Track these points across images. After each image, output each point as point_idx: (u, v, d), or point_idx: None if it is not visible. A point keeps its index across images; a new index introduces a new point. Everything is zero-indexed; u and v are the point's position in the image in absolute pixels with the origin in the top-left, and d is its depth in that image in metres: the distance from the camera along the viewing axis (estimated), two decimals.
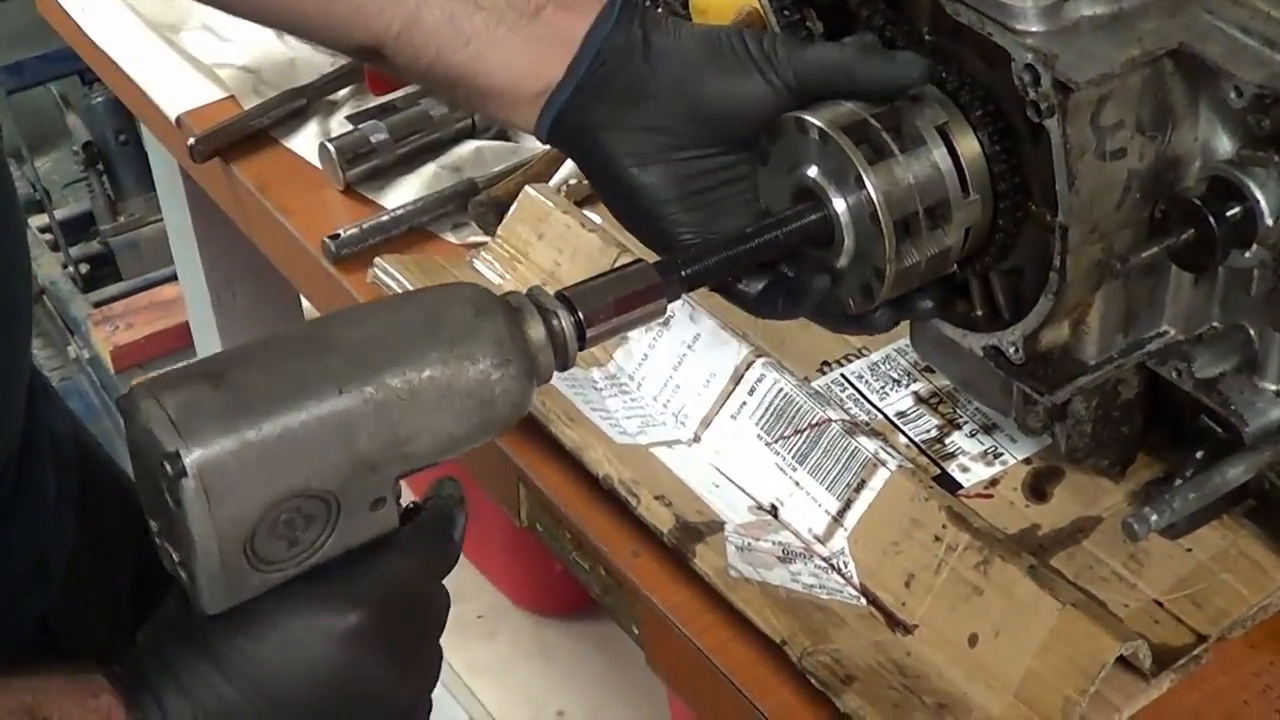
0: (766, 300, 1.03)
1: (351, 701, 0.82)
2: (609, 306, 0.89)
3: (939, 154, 0.98)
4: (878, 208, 0.96)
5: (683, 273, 0.94)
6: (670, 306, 1.25)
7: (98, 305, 2.91)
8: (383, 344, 0.80)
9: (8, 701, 0.78)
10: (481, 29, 1.02)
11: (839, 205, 0.98)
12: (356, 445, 0.78)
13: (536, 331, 0.85)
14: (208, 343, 2.28)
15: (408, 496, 0.86)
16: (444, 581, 0.89)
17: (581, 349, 0.88)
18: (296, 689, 0.80)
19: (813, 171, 0.98)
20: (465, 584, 2.11)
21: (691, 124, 1.00)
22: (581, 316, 0.87)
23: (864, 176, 0.96)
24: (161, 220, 2.47)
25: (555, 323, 0.86)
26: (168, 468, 0.75)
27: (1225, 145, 0.99)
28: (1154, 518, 0.99)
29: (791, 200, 1.00)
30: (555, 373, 0.87)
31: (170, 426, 0.75)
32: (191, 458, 0.75)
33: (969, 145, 0.99)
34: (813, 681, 1.04)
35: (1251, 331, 1.04)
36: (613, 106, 1.01)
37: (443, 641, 0.92)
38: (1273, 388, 1.04)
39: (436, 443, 0.81)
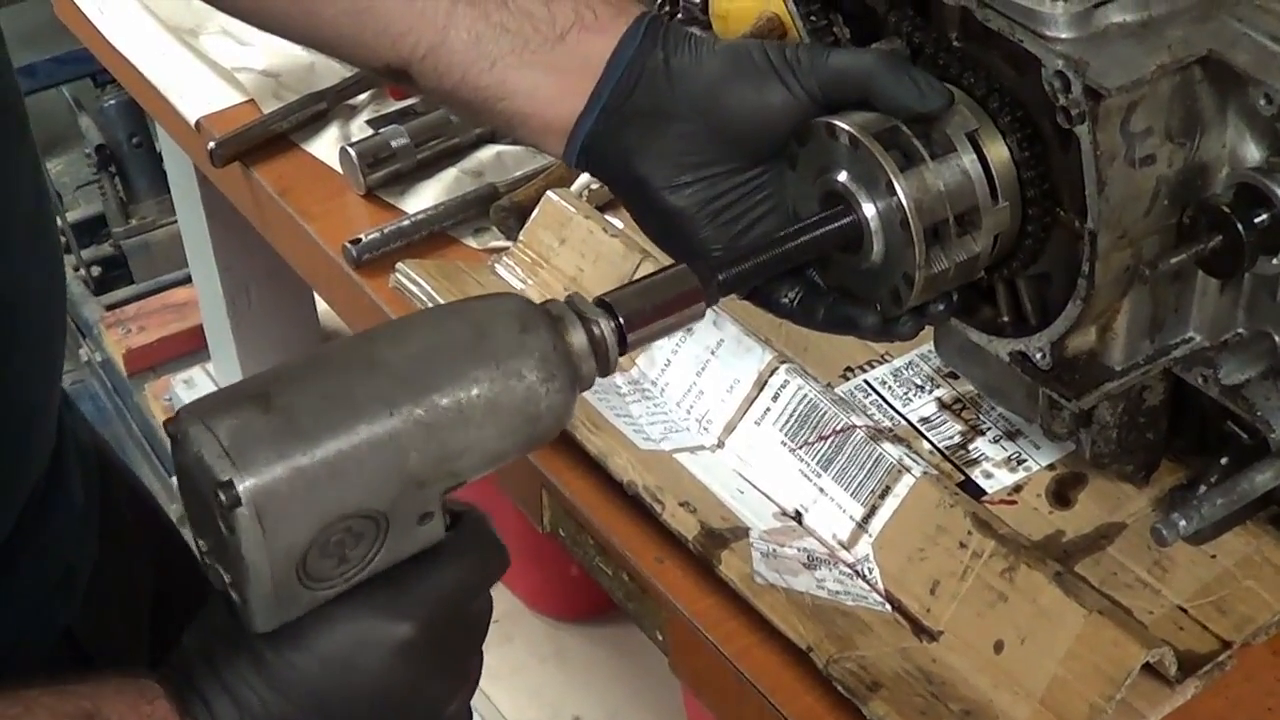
0: (806, 311, 1.03)
1: (402, 713, 0.82)
2: (649, 311, 0.89)
3: (969, 160, 0.98)
4: (908, 214, 0.96)
5: (720, 277, 0.93)
6: None
7: (110, 308, 2.91)
8: (430, 362, 0.80)
9: (67, 706, 0.78)
10: (507, 53, 1.01)
11: (869, 210, 0.98)
12: (407, 465, 0.78)
13: (579, 340, 0.85)
14: (222, 346, 2.28)
15: None
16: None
17: (623, 354, 0.87)
18: (348, 702, 0.80)
19: (842, 176, 0.98)
20: None
21: (718, 142, 1.00)
22: (622, 321, 0.87)
23: (894, 182, 0.96)
24: (174, 223, 2.48)
25: (596, 330, 0.85)
26: (221, 496, 0.74)
27: (1254, 152, 0.98)
28: (1182, 523, 0.99)
29: (820, 205, 1.00)
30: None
31: (223, 454, 0.75)
32: (245, 485, 0.74)
33: (999, 152, 0.99)
34: (839, 688, 1.04)
35: (1277, 338, 1.04)
36: (639, 130, 1.01)
37: None
38: None
39: (484, 458, 0.81)
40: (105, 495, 1.18)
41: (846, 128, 0.97)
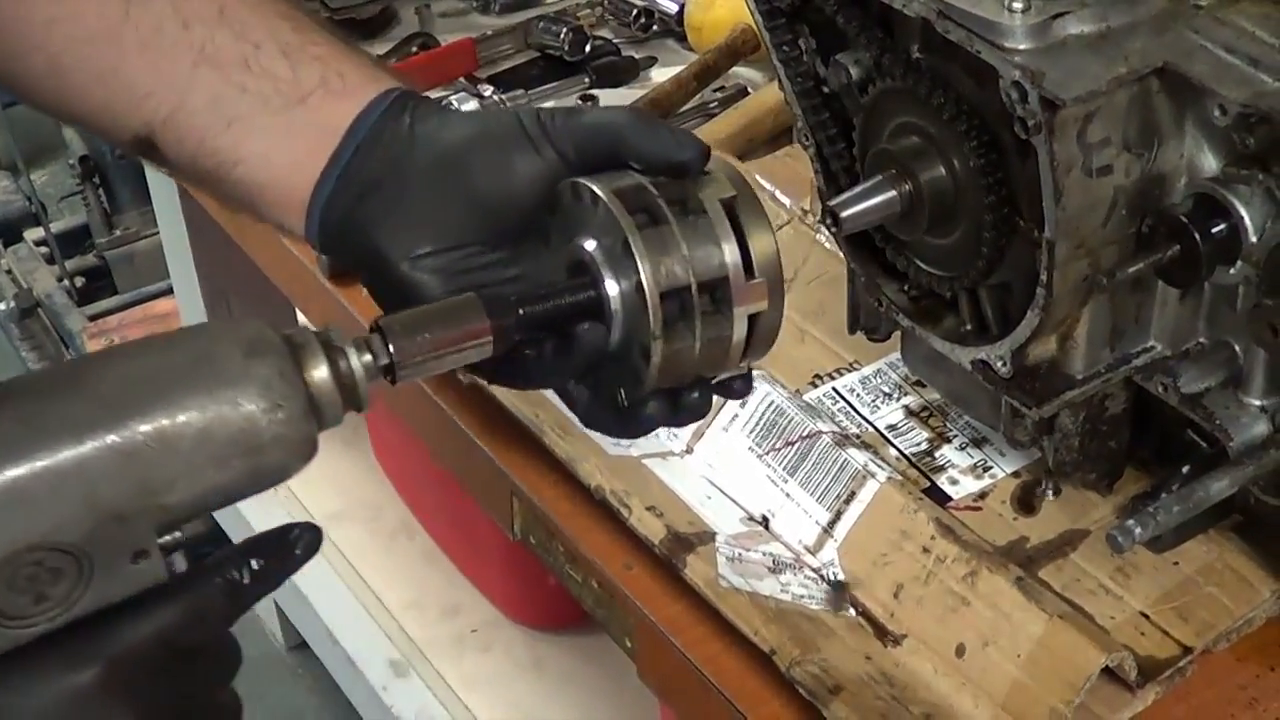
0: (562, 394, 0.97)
1: None
2: (427, 344, 0.83)
3: (721, 229, 0.88)
4: (643, 276, 0.86)
5: (522, 310, 0.86)
6: None
7: (93, 319, 2.92)
8: (137, 386, 0.75)
9: None
10: (245, 113, 0.94)
11: (608, 279, 0.88)
12: (98, 497, 0.73)
13: (319, 373, 0.78)
14: None
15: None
16: (438, 594, 0.86)
17: (393, 383, 0.83)
18: None
19: (589, 244, 0.89)
20: (460, 598, 2.12)
21: (464, 215, 0.92)
22: (394, 350, 0.82)
23: (630, 240, 0.86)
24: (157, 234, 2.49)
25: (343, 364, 0.79)
26: None
27: (1210, 163, 1.00)
28: (1138, 530, 1.00)
29: (567, 275, 0.90)
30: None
31: None
32: None
33: (762, 239, 0.89)
34: (800, 691, 1.05)
35: (1237, 347, 1.05)
36: (380, 201, 0.93)
37: (438, 654, 0.91)
38: (1257, 403, 1.05)
39: (199, 493, 0.76)
40: None
41: (588, 184, 0.89)
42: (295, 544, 0.80)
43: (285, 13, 0.96)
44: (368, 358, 0.80)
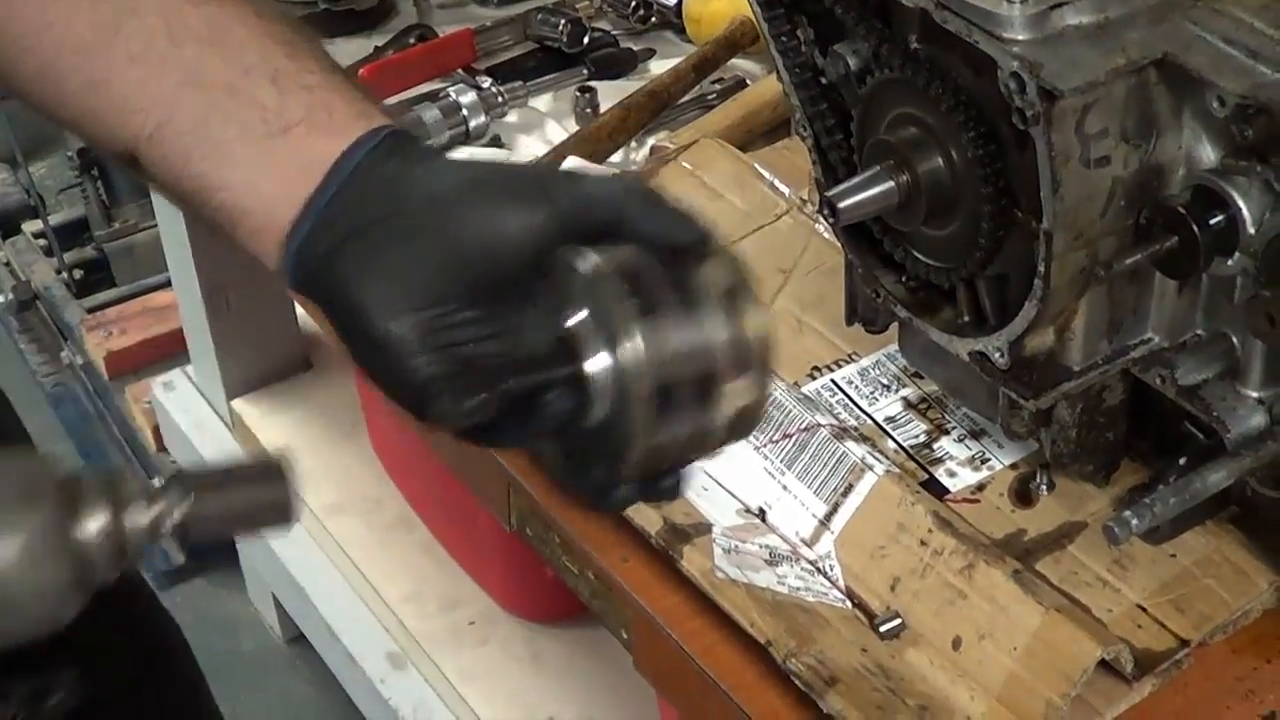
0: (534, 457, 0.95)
1: None
2: (225, 509, 0.80)
3: (718, 321, 0.85)
4: (634, 367, 0.83)
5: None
6: None
7: (91, 311, 2.91)
8: None
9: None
10: (230, 139, 0.91)
11: (595, 357, 0.85)
12: None
13: (93, 527, 0.74)
14: (201, 349, 2.29)
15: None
16: (436, 586, 0.86)
17: (183, 549, 0.79)
18: None
19: (576, 319, 0.85)
20: (458, 590, 2.12)
21: (449, 270, 0.87)
22: (186, 513, 0.77)
23: (624, 327, 0.83)
24: (155, 226, 2.48)
25: (126, 519, 0.75)
26: None
27: (1209, 154, 1.00)
28: (1134, 522, 1.00)
29: (552, 346, 0.87)
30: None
31: None
32: None
33: (758, 330, 0.86)
34: (796, 683, 1.05)
35: (1234, 339, 1.05)
36: (361, 247, 0.88)
37: (436, 647, 0.90)
38: (1255, 394, 1.05)
39: None
40: None
41: (588, 256, 0.85)
42: None
43: (283, 37, 0.94)
44: (155, 513, 0.76)
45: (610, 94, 1.63)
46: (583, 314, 0.85)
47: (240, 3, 0.94)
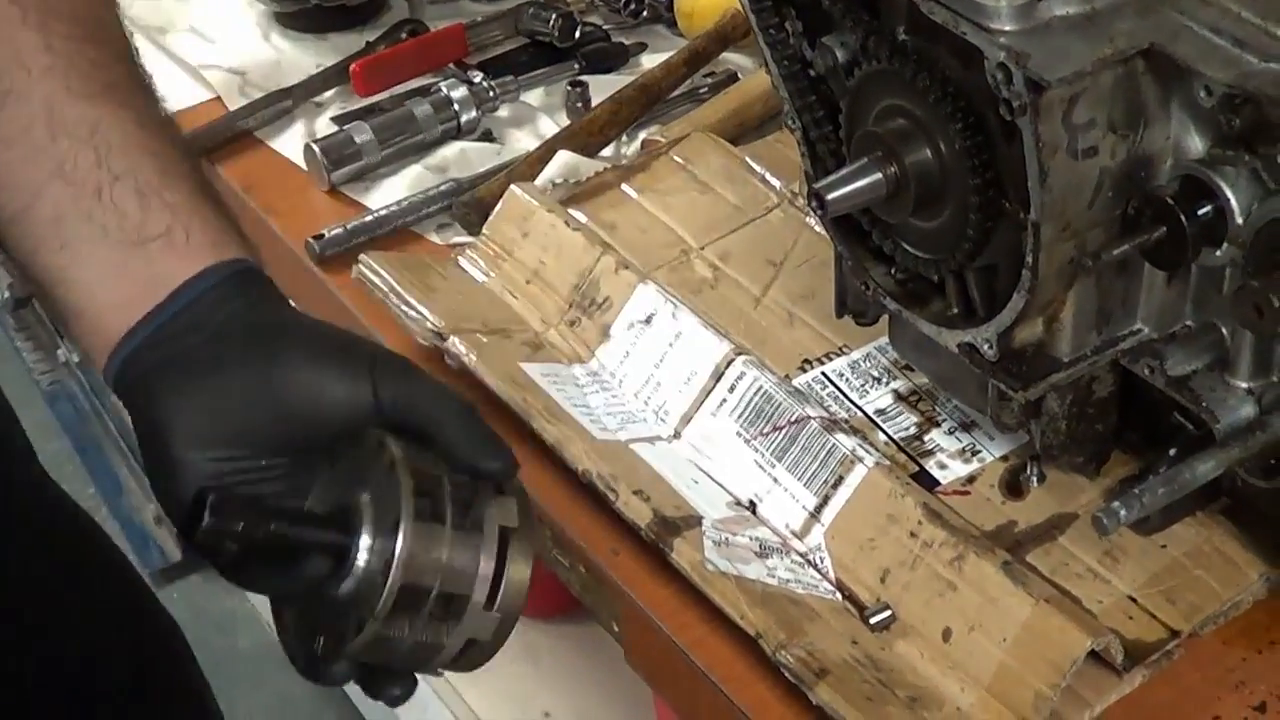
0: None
1: None
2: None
3: (486, 553, 0.91)
4: (395, 558, 0.88)
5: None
6: (652, 305, 1.27)
7: None
8: None
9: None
10: (83, 238, 0.92)
11: (364, 536, 0.90)
12: None
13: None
14: None
15: None
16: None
17: None
18: None
19: (364, 496, 0.90)
20: None
21: (262, 414, 0.90)
22: None
23: (401, 522, 0.88)
24: None
25: None
26: None
27: (1197, 144, 0.99)
28: (1123, 512, 1.00)
29: (330, 511, 0.92)
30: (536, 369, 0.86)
31: None
32: None
33: (518, 579, 0.93)
34: (786, 675, 1.05)
35: (1224, 330, 1.05)
36: (180, 378, 0.90)
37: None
38: (1244, 385, 1.05)
39: None
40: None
41: (393, 449, 0.90)
42: None
43: (157, 150, 0.95)
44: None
45: (602, 88, 1.62)
46: (368, 497, 0.90)
47: (122, 109, 0.95)
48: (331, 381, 0.91)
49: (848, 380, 1.28)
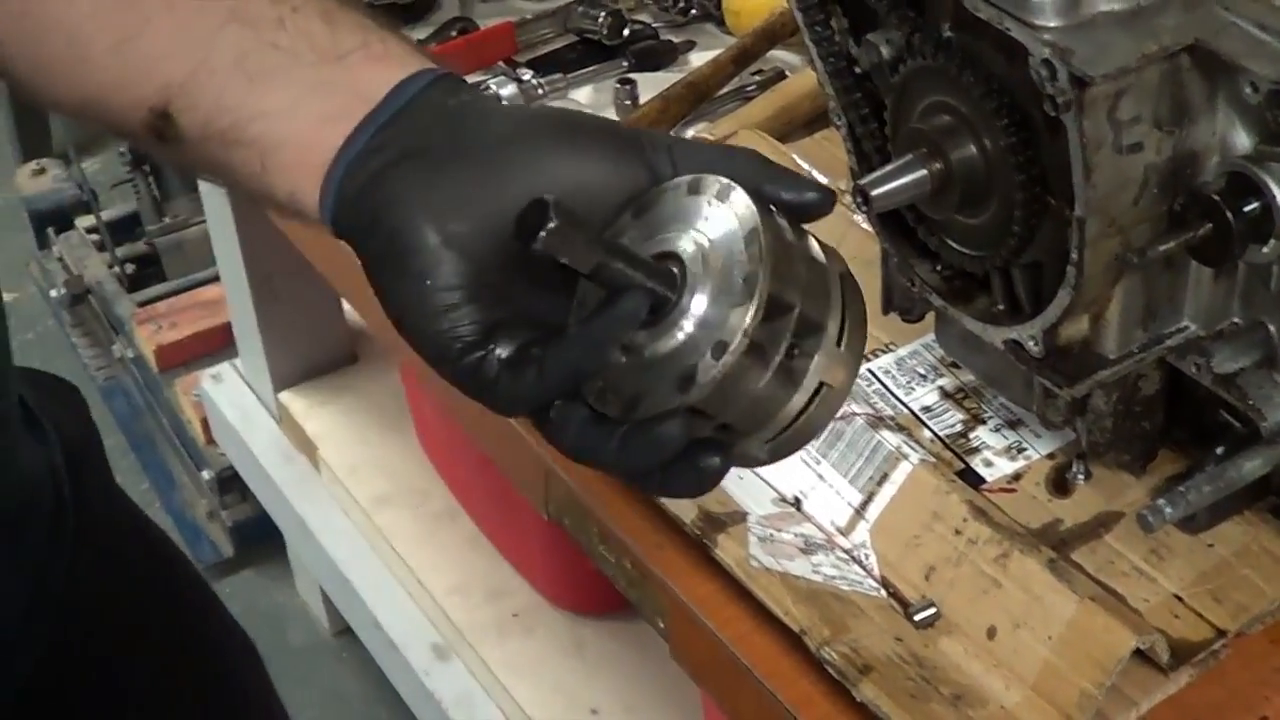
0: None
1: None
2: None
3: (835, 291, 0.80)
4: (763, 260, 0.76)
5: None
6: None
7: (142, 305, 2.94)
8: None
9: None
10: (273, 67, 0.84)
11: (693, 243, 0.78)
12: None
13: None
14: (249, 342, 2.30)
15: None
16: (481, 578, 0.84)
17: None
18: None
19: (690, 235, 0.78)
20: (504, 582, 2.13)
21: (523, 203, 0.77)
22: None
23: (760, 227, 0.76)
24: (205, 221, 2.50)
25: None
26: None
27: (1243, 140, 0.99)
28: (1168, 510, 1.00)
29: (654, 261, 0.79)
30: None
31: None
32: None
33: (861, 325, 0.82)
34: (830, 671, 1.05)
35: (1271, 327, 1.04)
36: (419, 166, 0.80)
37: (481, 639, 0.90)
38: None
39: None
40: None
41: (726, 182, 0.79)
42: None
43: None
44: None
45: (650, 86, 1.63)
46: (691, 231, 0.78)
47: None
48: (611, 162, 0.81)
49: (894, 377, 1.28)
